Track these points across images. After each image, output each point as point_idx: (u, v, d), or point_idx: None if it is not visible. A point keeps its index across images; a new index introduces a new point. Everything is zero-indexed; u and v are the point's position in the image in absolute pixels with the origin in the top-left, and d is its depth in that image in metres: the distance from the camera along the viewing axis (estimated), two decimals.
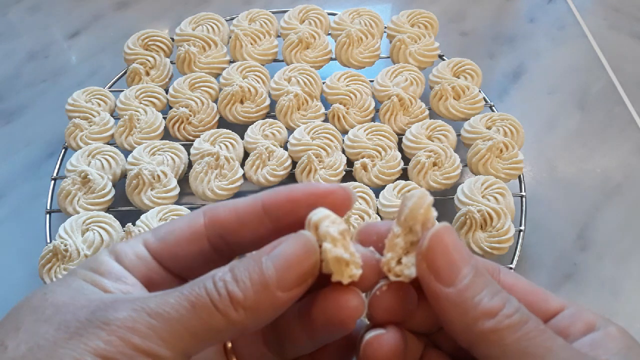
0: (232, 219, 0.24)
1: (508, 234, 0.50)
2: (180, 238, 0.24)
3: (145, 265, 0.24)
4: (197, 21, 0.69)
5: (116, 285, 0.22)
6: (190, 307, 0.20)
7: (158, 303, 0.20)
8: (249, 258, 0.22)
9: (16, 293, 0.54)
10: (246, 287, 0.21)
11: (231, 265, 0.22)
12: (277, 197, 0.24)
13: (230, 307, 0.20)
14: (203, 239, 0.24)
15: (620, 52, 0.75)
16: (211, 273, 0.21)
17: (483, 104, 0.62)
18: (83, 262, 0.24)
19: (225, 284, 0.21)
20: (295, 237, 0.22)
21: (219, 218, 0.24)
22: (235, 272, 0.21)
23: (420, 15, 0.69)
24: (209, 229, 0.24)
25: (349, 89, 0.62)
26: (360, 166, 0.56)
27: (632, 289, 0.53)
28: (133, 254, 0.24)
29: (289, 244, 0.22)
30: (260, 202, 0.24)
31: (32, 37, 0.79)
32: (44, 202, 0.57)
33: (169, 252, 0.24)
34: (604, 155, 0.64)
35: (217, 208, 0.25)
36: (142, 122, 0.59)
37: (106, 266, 0.23)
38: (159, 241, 0.24)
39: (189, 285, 0.21)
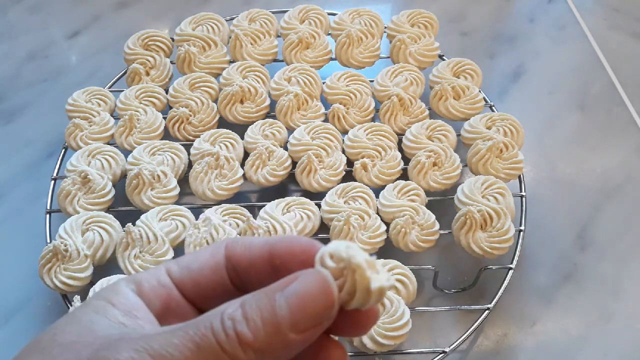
0: (245, 257, 0.24)
1: (508, 234, 0.50)
2: (203, 267, 0.24)
3: (166, 292, 0.23)
4: (197, 21, 0.69)
5: (126, 318, 0.22)
6: (195, 349, 0.19)
7: (162, 344, 0.19)
8: (261, 293, 0.20)
9: (16, 293, 0.54)
10: (257, 328, 0.19)
11: (242, 301, 0.20)
12: (284, 250, 0.23)
13: (238, 348, 0.19)
14: (223, 270, 0.24)
15: (620, 52, 0.75)
16: (220, 309, 0.20)
17: (483, 104, 0.62)
18: (101, 290, 0.23)
19: (234, 324, 0.19)
20: (312, 274, 0.20)
21: (234, 253, 0.24)
22: (245, 309, 0.20)
23: (420, 15, 0.69)
24: (227, 261, 0.24)
25: (349, 89, 0.62)
26: (360, 166, 0.56)
27: (632, 289, 0.53)
28: (155, 281, 0.23)
29: (305, 281, 0.20)
30: (268, 248, 0.23)
31: (32, 37, 0.79)
32: (44, 202, 0.57)
33: (192, 280, 0.24)
34: (604, 155, 0.64)
35: (236, 242, 0.24)
36: (142, 122, 0.59)
37: (120, 297, 0.22)
38: (182, 269, 0.24)
39: (195, 322, 0.20)
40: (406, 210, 0.51)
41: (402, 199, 0.53)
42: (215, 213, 0.52)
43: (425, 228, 0.51)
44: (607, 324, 0.51)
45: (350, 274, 0.20)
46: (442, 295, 0.53)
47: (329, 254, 0.20)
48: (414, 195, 0.53)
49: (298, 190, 0.60)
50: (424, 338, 0.50)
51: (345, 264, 0.20)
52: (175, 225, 0.51)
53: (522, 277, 0.54)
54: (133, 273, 0.48)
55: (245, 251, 0.24)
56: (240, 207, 0.53)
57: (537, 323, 0.51)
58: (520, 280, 0.53)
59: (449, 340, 0.48)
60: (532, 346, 0.50)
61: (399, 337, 0.44)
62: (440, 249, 0.55)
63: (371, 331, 0.44)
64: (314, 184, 0.55)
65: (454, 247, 0.52)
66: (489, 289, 0.52)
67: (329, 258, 0.20)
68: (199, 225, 0.50)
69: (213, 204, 0.55)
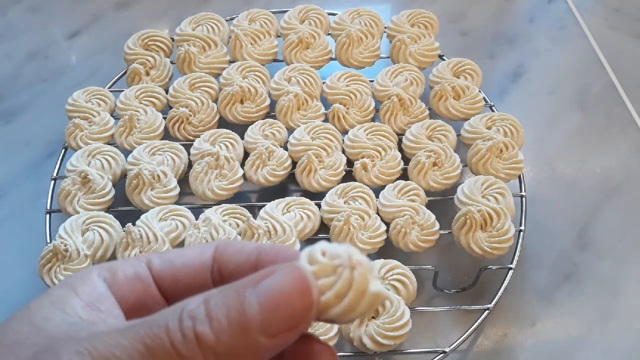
0: (233, 260, 0.22)
1: (508, 234, 0.50)
2: (187, 264, 0.22)
3: (142, 286, 0.22)
4: (197, 21, 0.69)
5: (87, 310, 0.20)
6: (145, 351, 0.17)
7: (108, 345, 0.17)
8: (230, 288, 0.18)
9: (16, 293, 0.54)
10: (221, 328, 0.17)
11: (207, 296, 0.18)
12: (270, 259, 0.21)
13: (197, 351, 0.17)
14: (208, 271, 0.22)
15: (620, 52, 0.75)
16: (181, 304, 0.18)
17: (483, 104, 0.62)
18: (71, 276, 0.22)
19: (193, 322, 0.17)
20: (289, 269, 0.18)
21: (223, 254, 0.22)
22: (210, 306, 0.17)
23: (420, 15, 0.69)
24: (214, 262, 0.22)
25: (349, 89, 0.62)
26: (360, 166, 0.56)
27: (632, 289, 0.53)
28: (132, 272, 0.22)
29: (280, 277, 0.18)
30: (256, 255, 0.22)
31: (32, 37, 0.79)
32: (44, 202, 0.57)
33: (172, 276, 0.22)
34: (604, 155, 0.64)
35: (227, 245, 0.22)
36: (142, 122, 0.59)
37: (87, 286, 0.21)
38: (164, 262, 0.22)
39: (150, 320, 0.18)
40: (406, 210, 0.51)
41: (402, 199, 0.53)
42: (215, 213, 0.52)
43: (425, 228, 0.51)
44: (607, 324, 0.51)
45: (348, 271, 0.18)
46: (442, 295, 0.53)
47: (322, 250, 0.18)
48: (414, 195, 0.53)
49: (298, 190, 0.60)
50: (424, 338, 0.50)
51: (342, 260, 0.18)
52: (175, 225, 0.51)
53: (522, 277, 0.54)
54: None
55: (234, 254, 0.22)
56: (240, 207, 0.53)
57: (537, 323, 0.51)
58: (520, 280, 0.53)
59: (449, 340, 0.48)
60: (532, 346, 0.50)
61: (399, 337, 0.44)
62: (440, 249, 0.55)
63: (371, 331, 0.44)
64: (314, 184, 0.55)
65: (454, 247, 0.52)
66: (489, 289, 0.52)
67: (320, 254, 0.18)
68: (199, 225, 0.50)
69: (213, 204, 0.55)
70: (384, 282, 0.47)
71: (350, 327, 0.45)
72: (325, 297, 0.18)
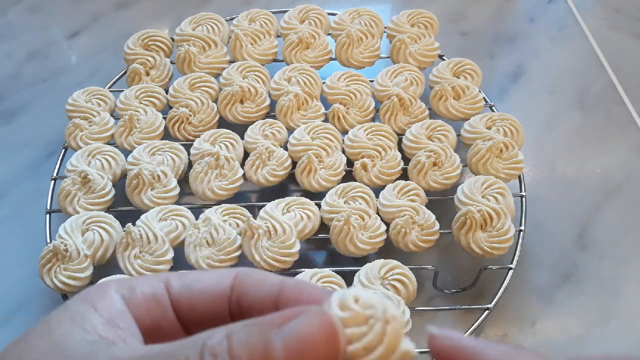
0: (252, 292, 0.21)
1: (508, 234, 0.50)
2: (205, 291, 0.22)
3: (159, 308, 0.21)
4: (197, 21, 0.69)
5: (107, 327, 0.20)
6: None
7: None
8: (255, 326, 0.17)
9: (16, 293, 0.54)
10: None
11: (229, 331, 0.17)
12: (293, 297, 0.20)
13: None
14: (226, 300, 0.21)
15: (620, 52, 0.75)
16: (202, 337, 0.17)
17: (483, 104, 0.62)
18: (89, 289, 0.21)
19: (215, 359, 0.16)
20: (317, 313, 0.17)
21: (243, 285, 0.21)
22: (232, 343, 0.17)
23: (420, 15, 0.69)
24: (232, 292, 0.22)
25: (349, 89, 0.62)
26: (360, 166, 0.56)
27: (632, 289, 0.53)
28: (151, 293, 0.21)
29: (307, 321, 0.17)
30: (278, 289, 0.21)
31: (32, 37, 0.79)
32: (44, 202, 0.57)
33: (189, 301, 0.22)
34: (604, 155, 0.64)
35: (248, 275, 0.22)
36: (142, 122, 0.59)
37: (106, 301, 0.21)
38: (183, 287, 0.22)
39: (171, 351, 0.17)
40: (406, 210, 0.51)
41: (402, 199, 0.53)
42: (215, 213, 0.52)
43: (425, 228, 0.51)
44: (607, 324, 0.51)
45: (380, 324, 0.17)
46: (442, 295, 0.53)
47: (355, 297, 0.17)
48: (414, 195, 0.53)
49: (298, 190, 0.60)
50: (424, 338, 0.50)
51: (376, 313, 0.17)
52: (175, 225, 0.51)
53: (522, 277, 0.54)
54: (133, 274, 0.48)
55: (254, 286, 0.21)
56: (240, 207, 0.53)
57: (537, 323, 0.51)
58: (520, 280, 0.53)
59: None
60: (532, 346, 0.50)
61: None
62: (440, 249, 0.55)
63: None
64: (314, 184, 0.55)
65: (454, 247, 0.52)
66: (489, 289, 0.52)
67: (353, 301, 0.17)
68: (199, 225, 0.50)
69: (213, 204, 0.55)
70: (384, 282, 0.47)
71: None
72: (353, 347, 0.17)
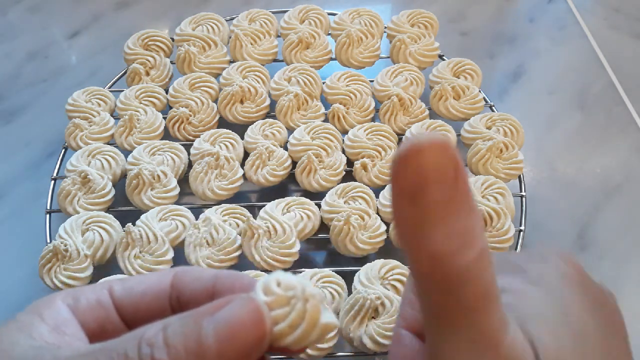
0: (190, 287, 0.23)
1: (508, 234, 0.50)
2: (146, 291, 0.23)
3: (104, 312, 0.22)
4: (197, 21, 0.69)
5: (53, 334, 0.21)
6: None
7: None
8: (188, 317, 0.19)
9: (16, 293, 0.54)
10: (178, 356, 0.18)
11: (165, 324, 0.19)
12: (227, 287, 0.22)
13: None
14: (166, 298, 0.23)
15: (620, 52, 0.75)
16: (140, 331, 0.18)
17: (483, 104, 0.62)
18: (36, 302, 0.22)
19: (151, 351, 0.18)
20: (244, 300, 0.19)
21: (181, 281, 0.23)
22: (167, 334, 0.18)
23: (420, 15, 0.69)
24: (172, 289, 0.23)
25: (349, 89, 0.62)
26: (360, 166, 0.56)
27: (632, 289, 0.53)
28: (94, 299, 0.23)
29: (235, 308, 0.18)
30: (214, 282, 0.22)
31: (32, 37, 0.79)
32: (44, 202, 0.57)
33: (132, 303, 0.23)
34: (604, 155, 0.64)
35: (186, 272, 0.23)
36: (142, 122, 0.59)
37: (52, 310, 0.22)
38: (125, 290, 0.23)
39: (109, 347, 0.18)
40: None
41: None
42: (215, 213, 0.52)
43: None
44: None
45: (301, 303, 0.18)
46: None
47: (277, 280, 0.19)
48: None
49: (298, 190, 0.60)
50: None
51: (296, 293, 0.19)
52: (175, 225, 0.51)
53: None
54: (134, 274, 0.48)
55: (192, 281, 0.23)
56: (240, 207, 0.53)
57: None
58: None
59: None
60: None
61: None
62: None
63: (371, 331, 0.44)
64: (314, 184, 0.55)
65: None
66: None
67: (275, 285, 0.19)
68: (199, 225, 0.50)
69: (213, 204, 0.55)
70: (384, 282, 0.47)
71: (350, 327, 0.45)
72: (279, 327, 0.19)
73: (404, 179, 0.17)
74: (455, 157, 0.17)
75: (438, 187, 0.17)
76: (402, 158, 0.17)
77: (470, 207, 0.18)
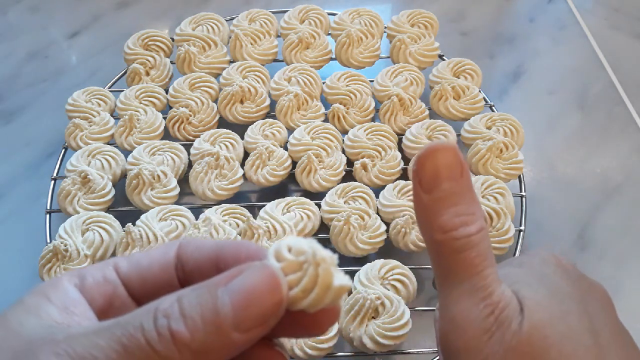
0: (193, 257, 0.23)
1: (508, 234, 0.50)
2: (152, 264, 0.23)
3: (111, 289, 0.22)
4: (197, 21, 0.69)
5: (62, 314, 0.20)
6: (122, 351, 0.17)
7: (86, 346, 0.18)
8: (202, 287, 0.19)
9: (16, 293, 0.54)
10: (195, 326, 0.18)
11: (179, 295, 0.19)
12: (231, 255, 0.22)
13: (173, 349, 0.17)
14: (172, 268, 0.23)
15: (620, 52, 0.75)
16: (154, 304, 0.19)
17: (483, 104, 0.62)
18: (42, 284, 0.22)
19: (168, 322, 0.18)
20: (259, 268, 0.19)
21: (185, 252, 0.23)
22: (183, 305, 0.18)
23: (420, 15, 0.69)
24: (177, 260, 0.23)
25: (349, 89, 0.62)
26: (360, 166, 0.56)
27: (632, 289, 0.53)
28: (101, 276, 0.23)
29: (251, 275, 0.18)
30: (216, 251, 0.22)
31: (32, 37, 0.79)
32: (44, 202, 0.57)
33: (139, 277, 0.23)
34: (604, 155, 0.64)
35: (189, 243, 0.23)
36: (142, 122, 0.59)
37: (59, 291, 0.21)
38: (131, 265, 0.23)
39: (125, 321, 0.18)
40: (406, 210, 0.51)
41: (402, 199, 0.53)
42: (215, 213, 0.52)
43: None
44: None
45: (313, 268, 0.19)
46: None
47: (288, 246, 0.19)
48: None
49: (298, 190, 0.60)
50: (424, 338, 0.50)
51: (307, 257, 0.19)
52: (175, 225, 0.51)
53: None
54: None
55: (194, 251, 0.23)
56: (240, 207, 0.53)
57: None
58: None
59: None
60: None
61: (399, 337, 0.44)
62: None
63: (371, 331, 0.44)
64: (314, 184, 0.55)
65: None
66: None
67: (286, 250, 0.19)
68: (199, 225, 0.50)
69: (213, 204, 0.55)
70: (384, 282, 0.47)
71: (350, 327, 0.45)
72: (293, 292, 0.19)
73: (422, 174, 0.24)
74: (462, 159, 0.24)
75: (448, 181, 0.24)
76: (421, 158, 0.24)
77: (472, 197, 0.25)
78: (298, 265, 0.19)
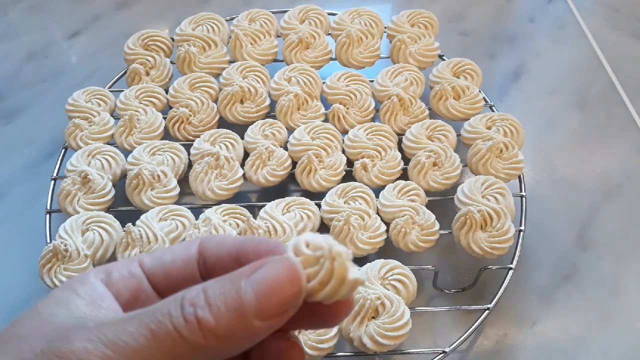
0: (214, 253, 0.24)
1: (508, 234, 0.50)
2: (175, 259, 0.24)
3: (137, 283, 0.24)
4: (197, 21, 0.69)
5: (90, 307, 0.22)
6: (151, 336, 0.19)
7: (116, 332, 0.19)
8: (226, 279, 0.20)
9: (16, 293, 0.54)
10: (220, 313, 0.19)
11: (204, 286, 0.20)
12: (251, 250, 0.23)
13: (198, 334, 0.19)
14: (195, 263, 0.24)
15: (620, 52, 0.75)
16: (180, 294, 0.20)
17: (483, 104, 0.62)
18: (69, 279, 0.23)
19: (194, 310, 0.19)
20: (280, 261, 0.20)
21: (206, 248, 0.24)
22: (208, 294, 0.19)
23: (420, 15, 0.69)
24: (199, 256, 0.24)
25: (349, 89, 0.62)
26: (360, 166, 0.56)
27: (632, 289, 0.53)
28: (127, 271, 0.24)
29: (272, 268, 0.20)
30: (237, 246, 0.23)
31: (32, 37, 0.79)
32: (44, 202, 0.57)
33: (163, 271, 0.24)
34: (604, 155, 0.64)
35: (210, 239, 0.24)
36: (142, 122, 0.59)
37: (87, 286, 0.22)
38: (155, 260, 0.24)
39: (153, 309, 0.20)
40: (406, 210, 0.51)
41: (402, 199, 0.53)
42: (215, 213, 0.52)
43: (425, 228, 0.51)
44: (607, 324, 0.51)
45: (329, 262, 0.20)
46: (442, 295, 0.53)
47: (306, 241, 0.20)
48: (414, 195, 0.53)
49: (298, 190, 0.60)
50: (424, 338, 0.50)
51: (324, 252, 0.20)
52: (175, 225, 0.51)
53: (522, 277, 0.54)
54: None
55: (215, 247, 0.24)
56: (240, 207, 0.53)
57: (537, 323, 0.51)
58: (520, 280, 0.53)
59: (449, 340, 0.48)
60: (532, 346, 0.50)
61: (399, 337, 0.44)
62: (440, 249, 0.55)
63: (371, 331, 0.44)
64: (314, 184, 0.55)
65: (454, 247, 0.52)
66: (489, 289, 0.52)
67: (304, 245, 0.20)
68: (199, 225, 0.50)
69: (213, 204, 0.55)
70: (384, 282, 0.47)
71: (350, 327, 0.45)
72: (310, 284, 0.20)
73: None
74: None
75: None
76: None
77: None
78: (315, 260, 0.20)
